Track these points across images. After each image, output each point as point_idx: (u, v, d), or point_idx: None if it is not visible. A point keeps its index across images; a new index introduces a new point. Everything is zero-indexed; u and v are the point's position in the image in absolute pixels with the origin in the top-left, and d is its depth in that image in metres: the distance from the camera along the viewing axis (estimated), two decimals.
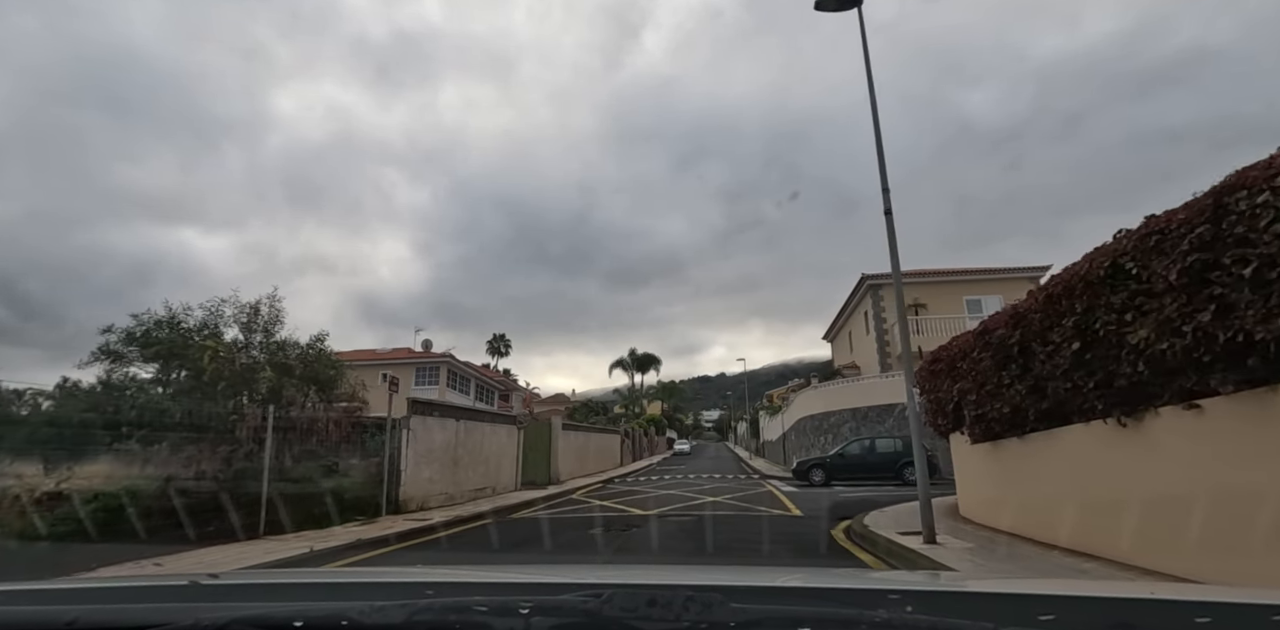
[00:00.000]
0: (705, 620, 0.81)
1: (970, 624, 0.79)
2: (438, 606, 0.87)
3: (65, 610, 0.97)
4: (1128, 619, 0.98)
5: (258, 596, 1.32)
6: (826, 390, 24.73)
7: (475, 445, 16.37)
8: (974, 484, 10.12)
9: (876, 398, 23.16)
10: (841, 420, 23.78)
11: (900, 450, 19.04)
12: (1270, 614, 0.97)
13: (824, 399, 24.65)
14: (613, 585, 1.10)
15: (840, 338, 35.83)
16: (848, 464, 19.33)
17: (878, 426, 22.82)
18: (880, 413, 23.00)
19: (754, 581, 1.56)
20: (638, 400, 76.42)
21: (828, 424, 24.23)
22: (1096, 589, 1.50)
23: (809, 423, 25.67)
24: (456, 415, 15.35)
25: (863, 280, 28.50)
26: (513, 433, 19.48)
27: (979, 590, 1.37)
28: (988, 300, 28.06)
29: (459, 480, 15.25)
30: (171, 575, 2.24)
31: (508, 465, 18.85)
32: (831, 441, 23.85)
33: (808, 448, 25.61)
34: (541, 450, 23.25)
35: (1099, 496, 6.32)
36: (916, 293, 27.98)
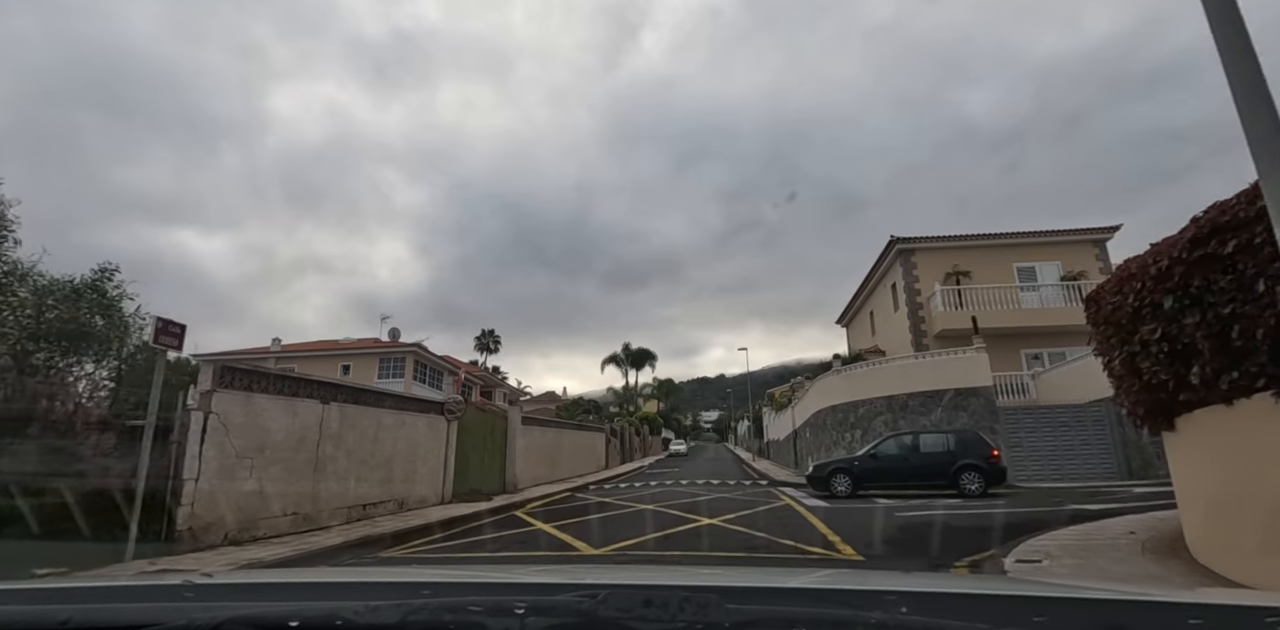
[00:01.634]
0: (701, 620, 0.80)
1: (965, 625, 0.78)
2: (433, 606, 0.86)
3: (58, 610, 0.96)
4: (1121, 620, 0.99)
5: (251, 596, 1.28)
6: (853, 375, 19.47)
7: (361, 441, 11.17)
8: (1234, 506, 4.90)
9: (919, 382, 17.92)
10: (873, 412, 18.50)
11: (954, 449, 13.86)
12: (1263, 616, 0.96)
13: (850, 385, 19.40)
14: (608, 585, 1.13)
15: (858, 321, 30.57)
16: (882, 468, 14.10)
17: (920, 419, 17.57)
18: (925, 402, 17.74)
19: (750, 582, 1.57)
20: (632, 398, 71.11)
21: (855, 417, 18.95)
22: (1090, 591, 1.40)
23: (829, 416, 20.40)
24: (320, 394, 10.14)
25: (891, 244, 23.28)
26: (438, 425, 14.28)
27: (974, 591, 1.31)
28: (1043, 267, 22.92)
29: (325, 492, 10.06)
30: (165, 574, 2.10)
31: (427, 470, 13.65)
32: (861, 439, 18.59)
33: (828, 447, 20.33)
34: (491, 450, 18.03)
35: None
36: (958, 259, 22.88)
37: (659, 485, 20.04)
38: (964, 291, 21.59)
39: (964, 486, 13.36)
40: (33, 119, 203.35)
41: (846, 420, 19.26)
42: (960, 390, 17.38)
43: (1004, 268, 22.73)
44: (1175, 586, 2.31)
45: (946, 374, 17.61)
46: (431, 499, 13.76)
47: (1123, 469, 16.50)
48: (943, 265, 22.66)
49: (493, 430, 18.21)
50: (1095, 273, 22.38)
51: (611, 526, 10.53)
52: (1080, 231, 22.88)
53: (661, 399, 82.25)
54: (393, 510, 12.09)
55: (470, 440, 16.34)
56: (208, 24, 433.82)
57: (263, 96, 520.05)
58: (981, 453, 13.63)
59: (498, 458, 18.51)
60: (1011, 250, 23.00)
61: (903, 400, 18.00)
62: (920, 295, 22.69)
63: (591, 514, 12.64)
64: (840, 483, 14.11)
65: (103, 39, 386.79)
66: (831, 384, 20.28)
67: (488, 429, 17.83)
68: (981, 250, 22.99)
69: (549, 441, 22.67)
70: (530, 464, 20.52)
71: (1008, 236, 23.03)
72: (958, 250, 23.01)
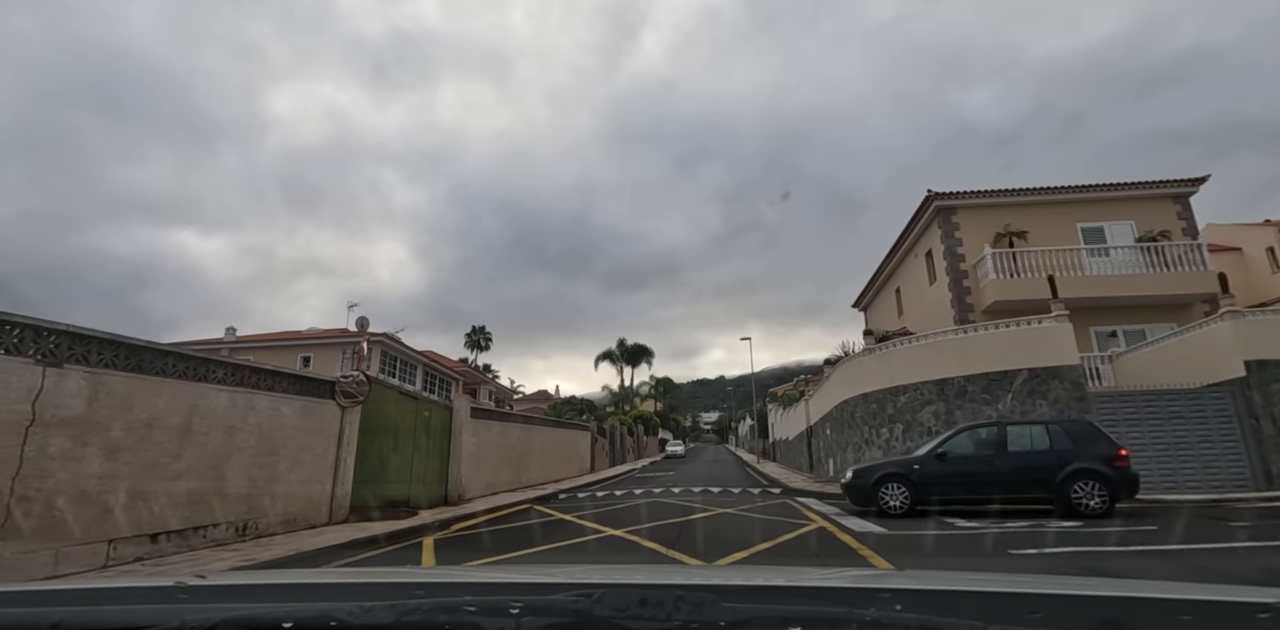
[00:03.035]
0: (696, 619, 0.79)
1: (959, 622, 0.77)
2: (427, 606, 0.85)
3: (48, 612, 0.95)
4: (1115, 616, 0.98)
5: (245, 597, 1.24)
6: (892, 355, 15.12)
7: (151, 432, 6.84)
8: None
9: (981, 361, 13.60)
10: (919, 400, 14.15)
11: (1060, 446, 9.56)
12: (1254, 611, 0.95)
13: (887, 367, 15.06)
14: (604, 585, 1.18)
15: (881, 302, 26.23)
16: (954, 474, 9.72)
17: (983, 409, 13.25)
18: (989, 386, 13.42)
19: (745, 581, 1.54)
20: (629, 397, 66.69)
21: (895, 407, 14.59)
22: (1084, 587, 1.33)
23: (858, 407, 16.04)
24: (42, 349, 5.82)
25: (928, 202, 18.97)
26: (322, 413, 9.98)
27: (968, 589, 1.26)
28: (1114, 227, 18.65)
29: (46, 519, 5.73)
30: (157, 576, 2.07)
31: (301, 476, 9.33)
32: (902, 435, 14.24)
33: (857, 446, 15.97)
34: (426, 449, 13.73)
35: None
36: (1011, 217, 18.64)
37: (646, 494, 15.71)
38: (1022, 255, 17.30)
39: (1079, 501, 9.02)
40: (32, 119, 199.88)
41: (882, 412, 14.91)
42: (1036, 371, 13.06)
43: (1065, 229, 18.45)
44: (1163, 582, 1.30)
45: (1018, 350, 13.30)
46: (309, 518, 9.44)
47: (1259, 474, 12.17)
48: (991, 226, 18.38)
49: (428, 425, 13.89)
50: (1178, 233, 18.12)
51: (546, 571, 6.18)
52: (1158, 184, 18.57)
53: (659, 398, 77.77)
54: (223, 538, 7.78)
55: (386, 436, 12.03)
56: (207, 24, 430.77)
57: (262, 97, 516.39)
58: (1102, 452, 9.30)
59: (436, 460, 14.19)
60: (1074, 208, 18.71)
61: (959, 385, 13.66)
62: (965, 262, 18.39)
63: (534, 544, 8.37)
64: (893, 495, 9.76)
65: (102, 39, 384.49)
66: (862, 368, 15.93)
67: (419, 422, 13.52)
68: (1038, 208, 18.70)
69: (513, 440, 18.33)
70: (485, 467, 16.19)
71: (1070, 191, 18.73)
72: (1009, 208, 18.73)
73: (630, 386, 67.85)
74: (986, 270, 17.44)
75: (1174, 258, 17.16)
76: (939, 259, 19.22)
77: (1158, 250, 17.33)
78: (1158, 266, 17.18)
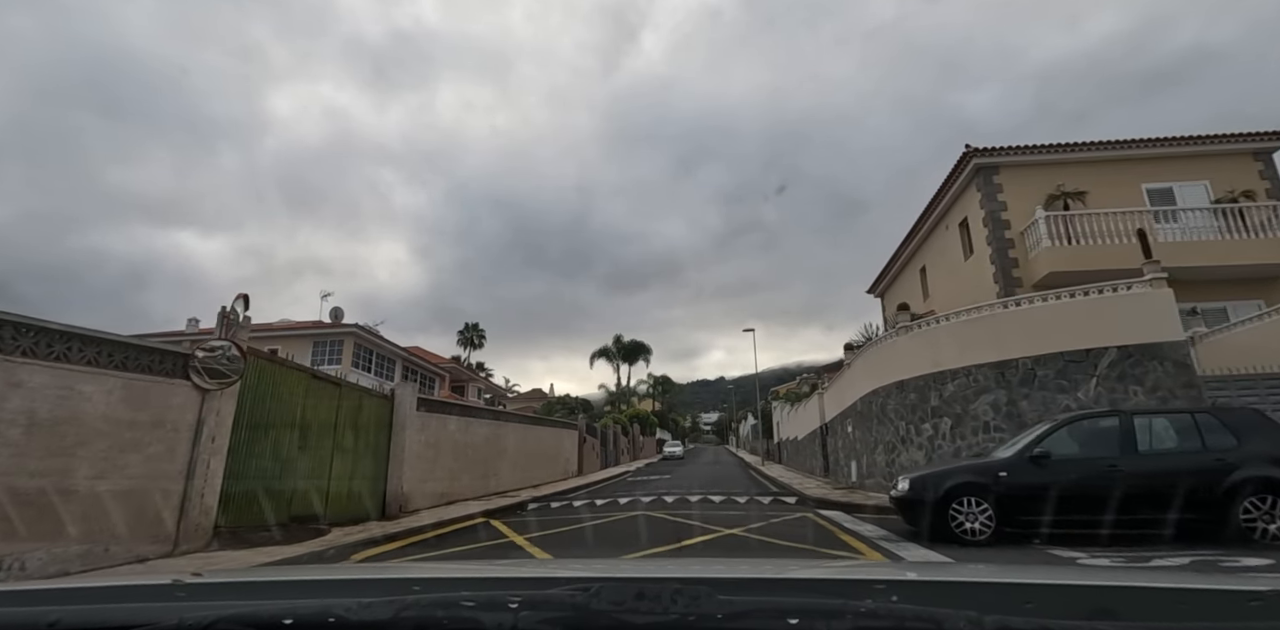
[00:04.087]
0: (693, 612, 0.79)
1: (954, 613, 0.76)
2: (425, 602, 0.84)
3: (46, 611, 0.94)
4: (1109, 605, 0.98)
5: (243, 595, 1.24)
6: (934, 333, 12.12)
7: None
8: None
9: (1053, 337, 10.66)
10: (972, 388, 11.18)
11: (1212, 446, 6.60)
12: (1246, 600, 0.96)
13: (929, 348, 12.08)
14: (601, 578, 1.12)
15: (901, 284, 23.26)
16: (1060, 485, 6.58)
17: (1058, 398, 10.32)
18: (1066, 369, 10.50)
19: (742, 573, 1.52)
20: (626, 396, 63.68)
21: (940, 397, 11.62)
22: (1079, 577, 1.45)
23: (891, 399, 13.06)
24: None
25: (966, 159, 16.04)
26: (166, 397, 7.01)
27: (964, 580, 1.31)
28: (1184, 189, 15.73)
29: None
30: (154, 574, 2.05)
31: (109, 484, 6.35)
32: (950, 432, 11.30)
33: (889, 445, 12.98)
34: (354, 449, 10.80)
35: None
36: (1064, 177, 15.70)
37: (632, 504, 12.78)
38: (1081, 219, 14.37)
39: (1254, 525, 6.08)
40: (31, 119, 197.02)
41: (923, 403, 11.94)
42: (1128, 349, 10.12)
43: (1128, 191, 15.51)
44: (1156, 571, 2.15)
45: (1103, 323, 10.36)
46: (137, 544, 6.48)
47: None
48: (1041, 187, 15.45)
49: (356, 418, 10.95)
50: (1262, 194, 15.20)
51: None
52: (1237, 138, 15.64)
53: (657, 398, 74.74)
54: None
55: (287, 430, 9.09)
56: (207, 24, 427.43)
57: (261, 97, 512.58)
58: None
59: (368, 462, 11.25)
60: (1138, 167, 15.77)
61: (1025, 368, 10.71)
62: (1010, 229, 15.45)
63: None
64: (971, 514, 6.77)
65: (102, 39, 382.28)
66: (896, 350, 12.95)
67: (344, 415, 10.58)
68: (1095, 168, 15.78)
69: (478, 438, 15.37)
70: (438, 471, 13.23)
71: (1134, 146, 15.79)
72: (1060, 167, 15.80)
73: (627, 385, 64.84)
74: (1038, 237, 14.50)
75: (1260, 222, 14.24)
76: (977, 227, 16.28)
77: (1239, 213, 14.42)
78: (1239, 232, 14.27)
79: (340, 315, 35.48)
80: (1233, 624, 0.91)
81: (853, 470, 15.12)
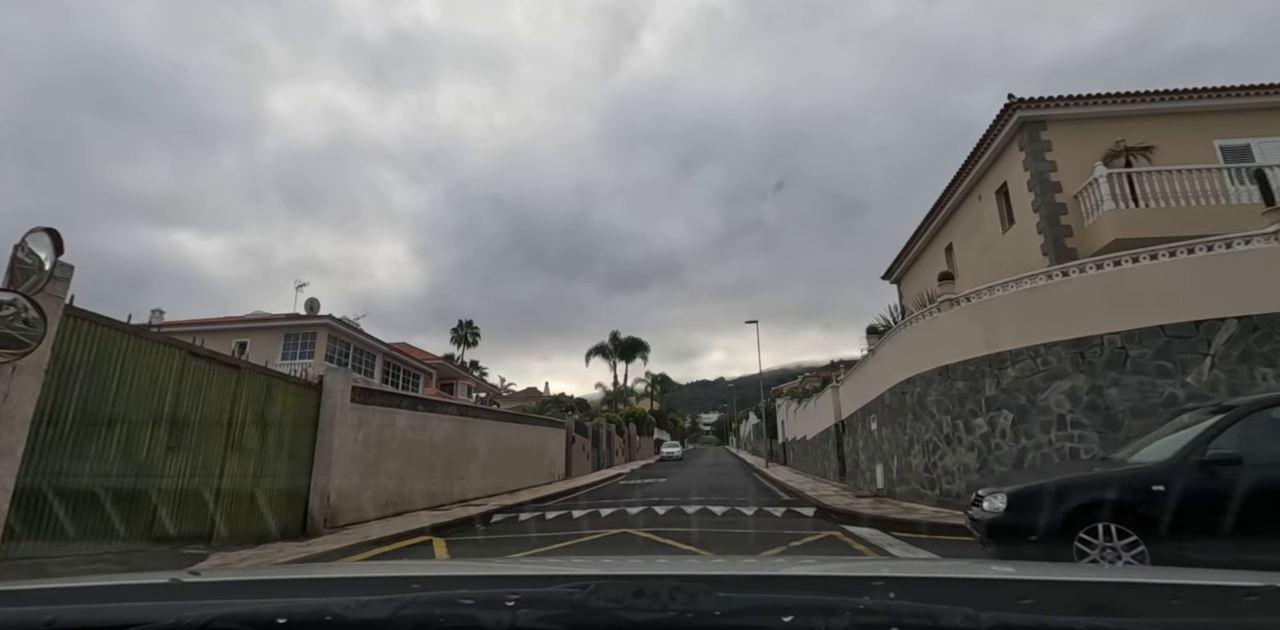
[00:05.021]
0: (691, 609, 0.78)
1: (951, 609, 0.76)
2: (423, 600, 0.83)
3: (43, 611, 0.93)
4: (1104, 601, 0.98)
5: (240, 593, 1.20)
6: (990, 307, 9.67)
7: None
8: None
9: (1151, 308, 8.29)
10: (1042, 372, 8.80)
11: None
12: (1242, 595, 0.96)
13: (982, 325, 9.69)
14: (599, 576, 1.14)
15: (923, 266, 20.88)
16: (1248, 504, 4.17)
17: (1159, 383, 7.95)
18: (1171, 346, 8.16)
19: (740, 571, 1.49)
20: (623, 396, 61.25)
21: (998, 385, 9.23)
22: (1075, 574, 1.41)
23: (931, 388, 10.68)
24: None
25: (1009, 112, 13.68)
26: None
27: (961, 576, 1.29)
28: (1264, 145, 13.39)
29: None
30: (152, 573, 1.46)
31: None
32: (1010, 428, 8.96)
33: (930, 445, 10.60)
34: (265, 450, 8.47)
35: None
36: (1122, 133, 13.36)
37: (616, 517, 10.46)
38: (1149, 177, 12.03)
39: None
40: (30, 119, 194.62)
41: (975, 393, 9.57)
42: (1252, 320, 7.77)
43: (1197, 148, 13.14)
44: (1152, 568, 2.09)
45: (1216, 287, 8.01)
46: None
47: None
48: (1096, 143, 13.10)
49: (263, 411, 8.60)
50: None
51: None
52: None
53: (656, 398, 72.32)
54: None
55: (147, 427, 6.76)
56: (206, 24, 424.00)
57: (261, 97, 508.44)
58: None
59: (283, 464, 8.90)
60: (1210, 121, 13.41)
61: (1111, 346, 8.34)
62: (1061, 192, 13.11)
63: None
64: (1109, 548, 4.42)
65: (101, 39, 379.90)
66: (938, 329, 10.58)
67: (246, 406, 8.23)
68: (1159, 122, 13.41)
69: (438, 437, 13.02)
70: (381, 475, 10.88)
71: (1205, 96, 13.43)
72: (1118, 122, 13.44)
73: (624, 384, 62.39)
74: (1099, 198, 12.14)
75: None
76: (1020, 193, 13.92)
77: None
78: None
79: (316, 307, 33.06)
80: (1229, 619, 0.90)
81: (878, 474, 12.75)
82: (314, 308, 32.75)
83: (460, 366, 52.21)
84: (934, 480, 10.19)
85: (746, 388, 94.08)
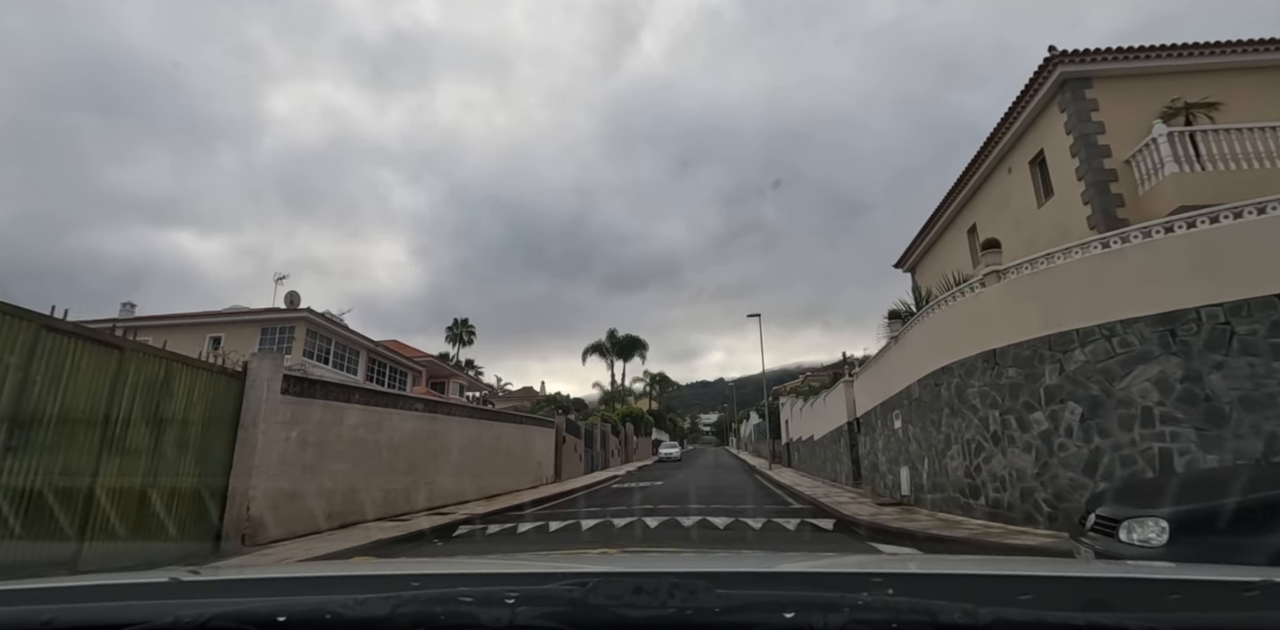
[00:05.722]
0: (691, 606, 0.78)
1: (949, 605, 0.76)
2: (423, 598, 0.82)
3: (41, 610, 0.92)
4: (1103, 596, 0.98)
5: (238, 592, 1.21)
6: (1049, 276, 7.99)
7: None
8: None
9: (1264, 273, 6.55)
10: (1120, 356, 7.11)
11: None
12: (1240, 590, 0.96)
13: (1040, 299, 8.00)
14: (599, 573, 1.15)
15: (941, 252, 19.20)
16: None
17: (1276, 365, 6.20)
18: None
19: (740, 567, 1.51)
20: (622, 395, 59.54)
21: (1062, 372, 7.51)
22: (1073, 569, 1.42)
23: (974, 377, 8.97)
24: None
25: (1049, 67, 12.01)
26: None
27: (960, 572, 1.30)
28: None
29: None
30: (150, 572, 1.45)
31: None
32: (1079, 426, 7.26)
33: (973, 445, 8.88)
34: (161, 451, 6.76)
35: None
36: (1183, 89, 11.78)
37: (598, 530, 8.81)
38: (1214, 137, 10.38)
39: None
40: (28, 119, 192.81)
41: (1031, 381, 7.85)
42: None
43: (1264, 106, 11.50)
44: (1149, 563, 1.77)
45: None
46: None
47: None
48: (1149, 102, 11.44)
49: (160, 404, 6.91)
50: None
51: None
52: None
53: (655, 398, 70.60)
54: None
55: None
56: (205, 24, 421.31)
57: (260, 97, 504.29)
58: None
59: (184, 469, 7.21)
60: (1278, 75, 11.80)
61: (1212, 321, 6.64)
62: (1110, 157, 11.44)
63: None
64: None
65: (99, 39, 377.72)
66: (982, 307, 8.88)
67: (133, 397, 6.56)
68: (1223, 76, 11.76)
69: (399, 435, 11.33)
70: (322, 480, 9.18)
71: (1275, 45, 11.79)
72: (1175, 77, 11.80)
73: (622, 384, 60.67)
74: (1157, 161, 10.47)
75: None
76: (1061, 160, 12.26)
77: None
78: None
79: (296, 300, 31.32)
80: (1228, 614, 0.89)
81: (903, 479, 11.05)
82: (294, 301, 30.99)
83: (455, 365, 50.53)
84: (978, 487, 8.50)
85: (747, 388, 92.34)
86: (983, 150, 14.87)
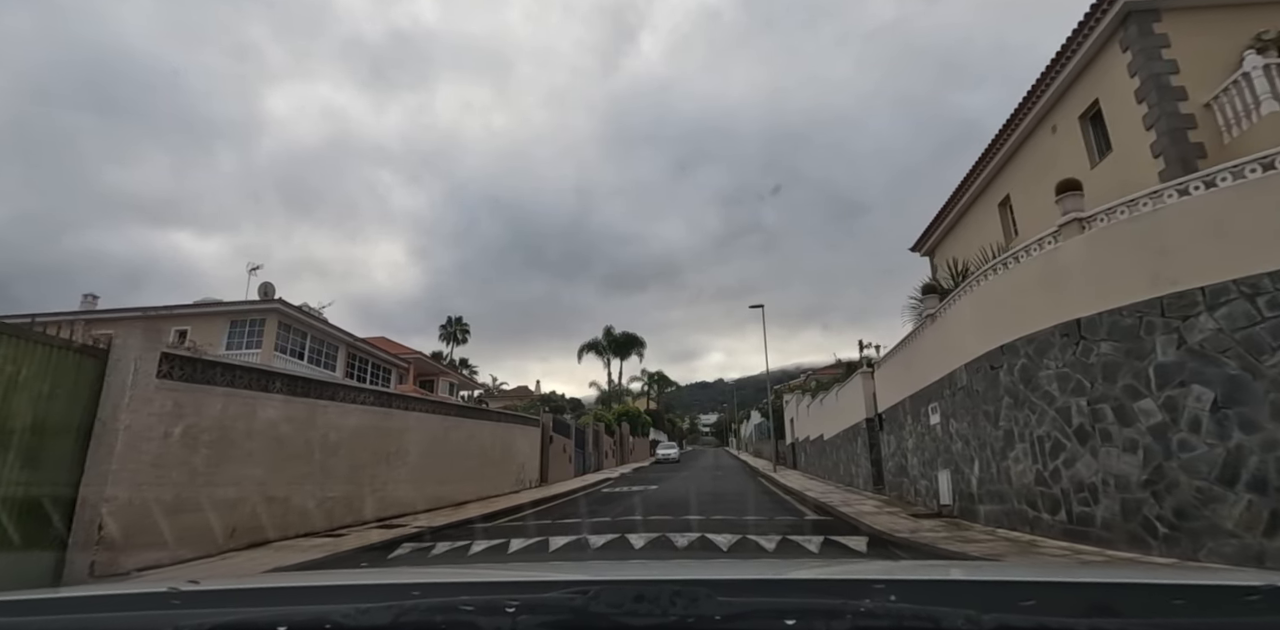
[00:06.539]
0: (692, 614, 0.77)
1: (952, 611, 0.75)
2: (424, 607, 0.82)
3: (42, 621, 0.92)
4: (1107, 602, 0.96)
5: (239, 602, 1.16)
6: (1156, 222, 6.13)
7: None
8: None
9: None
10: (1269, 319, 5.16)
11: None
12: (1243, 595, 0.94)
13: (1143, 251, 6.17)
14: (600, 581, 1.10)
15: (967, 228, 17.28)
16: None
17: None
18: None
19: (741, 575, 1.46)
20: (618, 394, 57.60)
21: (1188, 346, 5.62)
22: (1076, 574, 1.40)
23: (1046, 358, 7.06)
24: None
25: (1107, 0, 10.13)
26: None
27: (962, 578, 1.29)
28: None
29: None
30: (150, 582, 1.90)
31: None
32: (1209, 416, 5.28)
33: (1049, 444, 6.96)
34: None
35: None
36: (1266, 20, 9.92)
37: (570, 550, 6.87)
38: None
39: None
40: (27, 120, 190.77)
41: (1135, 359, 5.93)
42: None
43: None
44: (1152, 567, 2.00)
45: None
46: None
47: None
48: (1229, 37, 9.58)
49: None
50: None
51: None
52: None
53: (654, 397, 68.63)
54: None
55: None
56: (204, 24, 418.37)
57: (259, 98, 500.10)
58: None
59: (13, 475, 5.30)
60: None
61: None
62: (1186, 100, 9.57)
63: None
64: None
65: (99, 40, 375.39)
66: (1057, 268, 6.96)
67: None
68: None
69: (338, 433, 9.42)
70: (219, 487, 7.24)
71: None
72: (1258, 7, 9.95)
73: (619, 382, 58.71)
74: (1252, 100, 8.63)
75: None
76: (1124, 108, 10.39)
77: None
78: None
79: (271, 291, 29.34)
80: (1230, 619, 0.88)
81: (942, 485, 9.12)
82: (268, 292, 29.02)
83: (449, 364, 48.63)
84: (1055, 497, 6.57)
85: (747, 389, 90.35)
86: (1018, 112, 13.02)
